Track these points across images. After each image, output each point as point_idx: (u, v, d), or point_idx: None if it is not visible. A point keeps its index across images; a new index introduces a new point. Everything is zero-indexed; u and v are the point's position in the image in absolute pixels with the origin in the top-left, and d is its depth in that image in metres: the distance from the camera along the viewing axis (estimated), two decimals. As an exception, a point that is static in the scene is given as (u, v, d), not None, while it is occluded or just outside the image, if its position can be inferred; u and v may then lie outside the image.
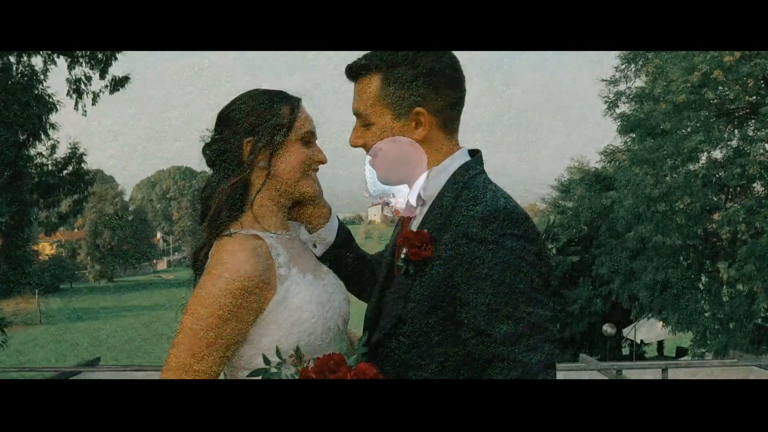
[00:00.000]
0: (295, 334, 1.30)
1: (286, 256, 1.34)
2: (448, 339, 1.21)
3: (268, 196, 1.37)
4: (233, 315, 1.25)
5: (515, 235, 1.17)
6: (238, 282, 1.24)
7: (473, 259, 1.17)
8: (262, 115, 1.36)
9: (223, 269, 1.26)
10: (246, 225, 1.35)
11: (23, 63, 7.59)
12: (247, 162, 1.35)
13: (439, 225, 1.26)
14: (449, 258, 1.21)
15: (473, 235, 1.18)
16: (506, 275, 1.14)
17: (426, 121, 1.30)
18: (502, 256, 1.15)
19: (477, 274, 1.16)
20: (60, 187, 9.96)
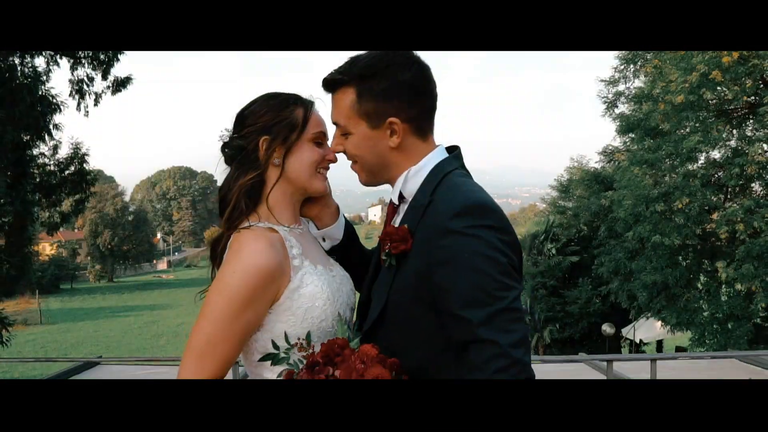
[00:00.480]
0: (308, 321, 1.39)
1: (299, 248, 1.43)
2: (430, 325, 1.30)
3: (282, 191, 1.46)
4: (251, 302, 1.33)
5: (486, 226, 1.25)
6: (255, 271, 1.33)
7: (448, 250, 1.25)
8: (278, 115, 1.44)
9: (242, 259, 1.34)
10: (262, 218, 1.44)
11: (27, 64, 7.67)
12: (263, 159, 1.43)
13: (418, 220, 1.35)
14: (427, 250, 1.30)
15: (447, 228, 1.27)
16: (478, 263, 1.22)
17: (399, 129, 1.39)
18: (474, 246, 1.23)
19: (452, 263, 1.24)
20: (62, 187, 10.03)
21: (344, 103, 1.41)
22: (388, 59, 1.40)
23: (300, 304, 1.38)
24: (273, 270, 1.35)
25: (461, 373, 1.24)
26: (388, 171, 1.44)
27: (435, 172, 1.40)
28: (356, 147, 1.42)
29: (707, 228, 13.20)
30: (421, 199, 1.38)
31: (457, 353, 1.25)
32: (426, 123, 1.44)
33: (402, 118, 1.39)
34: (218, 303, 1.33)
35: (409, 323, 1.33)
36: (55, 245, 59.87)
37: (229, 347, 1.33)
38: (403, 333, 1.34)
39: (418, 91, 1.41)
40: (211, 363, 1.32)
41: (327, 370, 1.24)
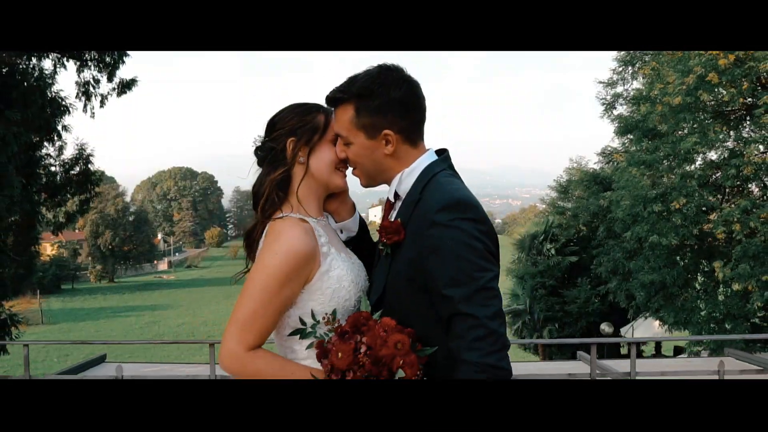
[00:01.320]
0: (334, 300, 1.59)
1: (326, 237, 1.63)
2: (422, 304, 1.52)
3: (308, 187, 1.66)
4: (288, 281, 1.54)
5: (465, 218, 1.48)
6: (292, 255, 1.54)
7: (435, 240, 1.48)
8: (302, 120, 1.65)
9: (280, 245, 1.54)
10: (293, 210, 1.63)
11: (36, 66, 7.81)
12: (290, 158, 1.64)
13: (409, 214, 1.58)
14: (417, 240, 1.52)
15: (433, 221, 1.49)
16: (460, 250, 1.45)
17: (393, 139, 1.61)
18: (456, 236, 1.46)
19: (438, 250, 1.47)
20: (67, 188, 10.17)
21: (345, 118, 1.62)
22: (381, 79, 1.60)
23: (329, 285, 1.59)
24: (307, 254, 1.56)
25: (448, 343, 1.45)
26: (384, 174, 1.67)
27: (425, 173, 1.62)
28: (356, 155, 1.64)
29: (705, 228, 13.29)
30: (413, 196, 1.59)
31: (444, 327, 1.46)
32: (416, 133, 1.65)
33: (395, 130, 1.60)
34: (260, 281, 1.54)
35: (405, 303, 1.55)
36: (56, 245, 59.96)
37: (268, 321, 1.55)
38: (400, 312, 1.54)
39: (408, 107, 1.61)
40: (252, 335, 1.53)
41: (355, 337, 1.44)
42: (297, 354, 1.62)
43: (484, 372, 1.39)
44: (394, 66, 1.63)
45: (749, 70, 11.86)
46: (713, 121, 13.29)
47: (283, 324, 1.62)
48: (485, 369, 1.40)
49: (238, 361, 1.54)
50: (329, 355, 1.45)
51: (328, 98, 1.65)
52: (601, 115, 16.61)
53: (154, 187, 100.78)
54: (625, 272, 16.50)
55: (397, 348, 1.42)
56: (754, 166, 12.10)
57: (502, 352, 1.42)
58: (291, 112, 1.68)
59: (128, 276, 70.57)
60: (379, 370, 1.41)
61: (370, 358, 1.41)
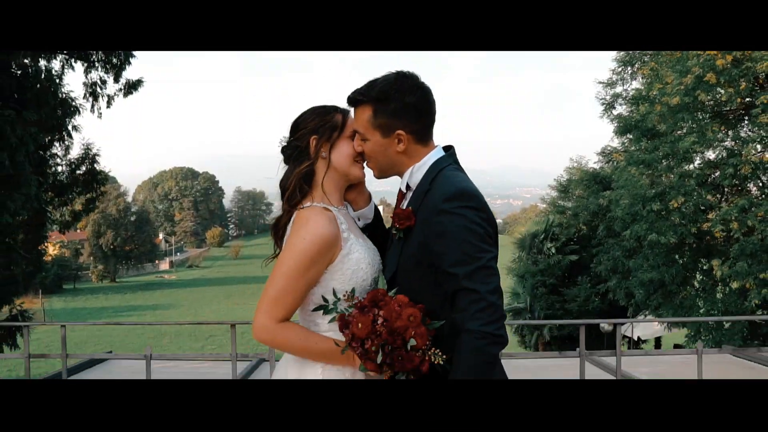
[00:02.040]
0: (353, 280, 1.79)
1: (346, 224, 1.82)
2: (430, 282, 1.73)
3: (331, 180, 1.85)
4: (314, 263, 1.75)
5: (469, 207, 1.69)
6: (318, 240, 1.75)
7: (442, 225, 1.69)
8: (323, 119, 1.85)
9: (308, 230, 1.74)
10: (316, 200, 1.82)
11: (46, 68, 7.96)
12: (313, 153, 1.83)
13: (419, 203, 1.79)
14: (426, 225, 1.73)
15: (440, 209, 1.70)
16: (463, 234, 1.66)
17: (404, 139, 1.82)
18: (460, 222, 1.67)
19: (445, 234, 1.68)
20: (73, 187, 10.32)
21: (363, 117, 1.83)
22: (398, 85, 1.80)
23: (349, 266, 1.79)
24: (331, 238, 1.76)
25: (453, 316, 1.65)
26: (395, 168, 1.88)
27: (433, 167, 1.82)
28: (371, 150, 1.85)
29: (703, 227, 13.41)
30: (423, 187, 1.80)
31: (450, 302, 1.67)
32: (426, 133, 1.86)
33: (407, 131, 1.81)
34: (290, 262, 1.74)
35: (414, 281, 1.76)
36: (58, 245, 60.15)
37: (296, 297, 1.76)
38: (410, 289, 1.74)
39: (420, 111, 1.83)
40: (281, 309, 1.74)
41: (373, 310, 1.64)
42: (320, 327, 1.81)
43: (484, 338, 1.59)
44: (410, 73, 1.83)
45: (747, 70, 11.98)
46: (711, 120, 13.41)
47: (308, 301, 1.81)
48: (485, 336, 1.59)
49: (268, 332, 1.75)
50: (350, 326, 1.64)
51: (349, 99, 1.85)
52: (601, 115, 16.76)
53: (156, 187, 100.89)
54: (624, 270, 16.62)
55: (409, 320, 1.61)
56: (752, 165, 12.21)
57: (499, 322, 1.62)
58: (312, 114, 1.88)
59: (130, 276, 70.75)
60: (393, 339, 1.60)
61: (386, 329, 1.60)
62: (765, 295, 12.18)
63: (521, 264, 23.29)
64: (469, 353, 1.59)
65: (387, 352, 1.61)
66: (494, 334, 1.60)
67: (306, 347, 1.76)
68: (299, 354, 1.79)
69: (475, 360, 1.60)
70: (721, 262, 12.99)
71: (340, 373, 1.79)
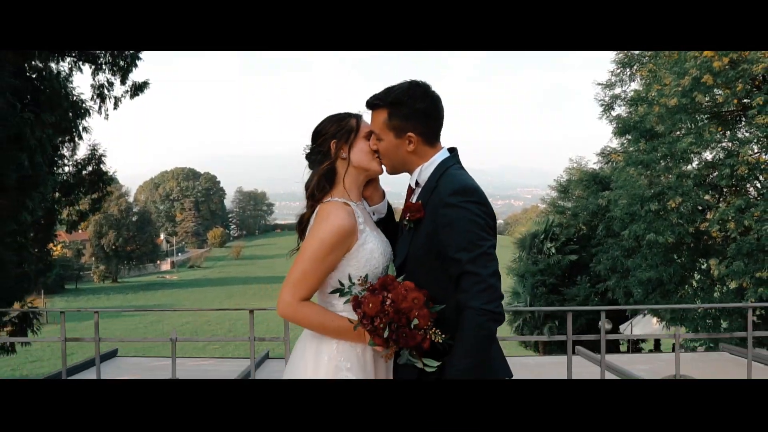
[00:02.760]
0: (367, 267, 2.02)
1: (362, 217, 2.05)
2: (436, 268, 1.96)
3: (351, 178, 2.08)
4: (333, 250, 1.98)
5: (472, 201, 1.93)
6: (337, 230, 1.98)
7: (448, 217, 1.92)
8: (340, 125, 2.08)
9: (329, 222, 1.96)
10: (335, 196, 2.04)
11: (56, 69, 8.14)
12: (333, 155, 2.06)
13: (428, 197, 2.01)
14: (433, 217, 1.96)
15: (447, 202, 1.93)
16: (467, 225, 1.89)
17: (414, 140, 2.05)
18: (464, 214, 1.90)
19: (450, 225, 1.91)
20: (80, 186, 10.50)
21: (379, 119, 2.07)
22: (410, 93, 2.04)
23: (363, 255, 2.02)
24: (349, 229, 2.00)
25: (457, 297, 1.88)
26: (405, 166, 2.11)
27: (440, 166, 2.05)
28: (385, 149, 2.09)
29: (701, 227, 13.54)
30: (431, 183, 2.03)
31: (454, 284, 1.90)
32: (433, 136, 2.09)
33: (417, 133, 2.04)
34: (312, 249, 1.98)
35: (423, 266, 1.99)
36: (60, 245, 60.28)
37: (316, 280, 2.00)
38: (419, 274, 1.97)
39: (429, 117, 2.06)
40: (302, 290, 1.98)
41: (383, 293, 1.86)
42: (335, 308, 2.05)
43: (485, 315, 1.82)
44: (422, 83, 2.07)
45: (743, 72, 12.12)
46: (709, 121, 13.56)
47: (326, 284, 2.04)
48: (485, 313, 1.82)
49: (290, 309, 1.99)
50: (362, 305, 1.88)
51: (367, 103, 2.08)
52: (600, 116, 16.92)
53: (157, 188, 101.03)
54: (623, 270, 16.78)
55: (414, 302, 1.84)
56: (749, 166, 12.35)
57: (498, 301, 1.86)
58: (329, 121, 2.13)
59: (131, 276, 70.81)
60: (399, 318, 1.83)
61: (393, 309, 1.83)
62: (761, 294, 12.32)
63: (521, 264, 23.44)
64: (471, 328, 1.82)
65: (393, 329, 1.83)
66: (494, 311, 1.83)
67: (323, 323, 1.99)
68: (316, 329, 2.01)
69: (476, 334, 1.82)
70: (719, 262, 13.13)
71: (352, 348, 2.00)
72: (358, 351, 2.00)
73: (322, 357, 2.00)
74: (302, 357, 2.05)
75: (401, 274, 2.03)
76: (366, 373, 2.00)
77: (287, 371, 2.11)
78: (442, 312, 1.91)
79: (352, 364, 1.99)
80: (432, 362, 1.90)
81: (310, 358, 2.02)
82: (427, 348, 1.87)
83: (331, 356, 1.99)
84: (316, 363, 2.01)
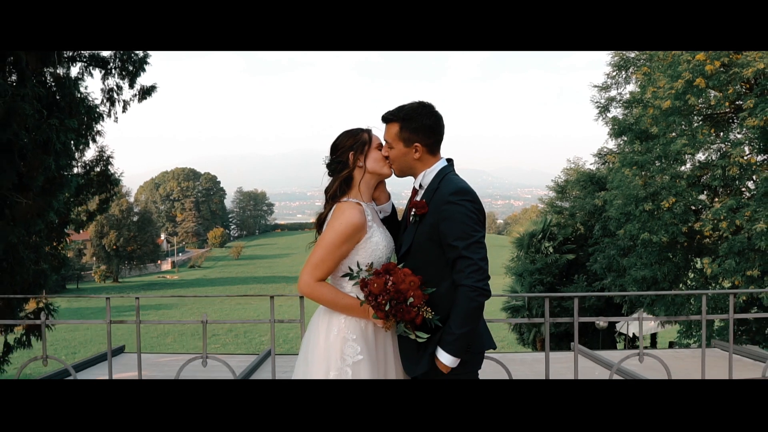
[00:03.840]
0: (373, 256, 2.45)
1: (371, 215, 2.46)
2: (436, 254, 2.41)
3: (366, 182, 2.48)
4: (345, 241, 2.40)
5: (467, 200, 2.38)
6: (350, 224, 2.40)
7: (447, 212, 2.37)
8: (355, 138, 2.50)
9: (344, 217, 2.37)
10: (351, 197, 2.44)
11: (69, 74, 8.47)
12: (351, 164, 2.46)
13: (431, 197, 2.46)
14: (436, 212, 2.40)
15: (447, 200, 2.38)
16: (463, 219, 2.35)
17: (420, 149, 2.50)
18: (461, 210, 2.36)
19: (449, 218, 2.36)
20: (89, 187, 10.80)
21: (392, 131, 2.52)
22: (419, 110, 2.49)
23: (370, 246, 2.45)
24: (360, 224, 2.42)
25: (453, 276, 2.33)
26: (411, 171, 2.56)
27: (440, 172, 2.51)
28: (395, 156, 2.53)
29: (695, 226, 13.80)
30: (433, 186, 2.49)
31: (450, 266, 2.36)
32: (435, 147, 2.54)
33: (422, 144, 2.49)
34: (329, 239, 2.40)
35: (426, 252, 2.43)
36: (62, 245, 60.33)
37: (332, 264, 2.42)
38: (421, 259, 2.43)
39: (433, 131, 2.51)
40: (319, 272, 2.40)
41: (386, 276, 2.28)
42: (345, 289, 2.47)
43: (475, 291, 2.27)
44: (428, 103, 2.52)
45: (734, 75, 12.39)
46: (702, 123, 13.83)
47: (338, 269, 2.47)
48: (476, 289, 2.28)
49: (309, 287, 2.39)
50: (368, 285, 2.30)
51: (383, 117, 2.53)
52: (596, 118, 17.24)
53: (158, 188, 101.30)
54: (619, 269, 17.06)
55: (410, 285, 2.27)
56: (739, 167, 12.62)
57: (485, 281, 2.31)
58: (345, 136, 2.56)
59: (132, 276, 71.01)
60: (398, 296, 2.25)
61: (393, 288, 2.25)
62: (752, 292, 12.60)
63: (519, 263, 23.73)
64: (465, 301, 2.28)
65: (393, 305, 2.25)
66: (483, 288, 2.29)
67: (334, 300, 2.40)
68: (329, 305, 2.41)
69: (468, 305, 2.28)
70: (711, 260, 13.39)
71: (357, 323, 2.41)
72: (362, 325, 2.41)
73: (332, 329, 2.39)
74: (316, 330, 2.45)
75: (404, 260, 2.46)
76: (368, 343, 2.40)
77: (304, 342, 2.52)
78: (439, 288, 2.35)
79: (357, 336, 2.38)
80: (423, 334, 2.31)
81: (322, 330, 2.41)
82: (419, 323, 2.29)
83: (340, 329, 2.39)
84: (327, 334, 2.40)
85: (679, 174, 13.90)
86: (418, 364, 2.38)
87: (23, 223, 6.80)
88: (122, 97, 9.68)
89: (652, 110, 13.75)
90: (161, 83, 10.16)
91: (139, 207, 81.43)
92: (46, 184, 7.00)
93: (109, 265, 67.89)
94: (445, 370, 2.34)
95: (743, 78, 12.41)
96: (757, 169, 12.83)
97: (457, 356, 2.32)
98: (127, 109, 9.75)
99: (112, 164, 11.01)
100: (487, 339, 2.50)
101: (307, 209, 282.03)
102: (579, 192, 21.64)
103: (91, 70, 9.14)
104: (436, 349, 2.34)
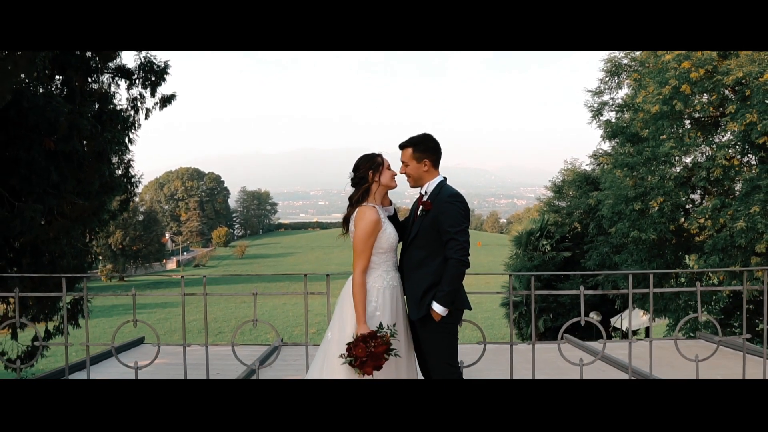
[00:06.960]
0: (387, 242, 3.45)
1: (384, 215, 3.34)
2: (435, 237, 3.48)
3: (379, 192, 3.37)
4: (372, 234, 3.35)
5: (458, 201, 3.49)
6: (372, 221, 3.31)
7: (444, 209, 3.45)
8: (374, 161, 3.42)
9: (369, 216, 3.28)
10: (368, 202, 3.32)
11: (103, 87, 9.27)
12: (370, 180, 3.34)
13: (434, 199, 3.53)
14: (437, 209, 3.48)
15: (445, 201, 3.47)
16: (454, 213, 3.44)
17: (427, 165, 3.60)
18: (454, 208, 3.46)
19: (446, 213, 3.44)
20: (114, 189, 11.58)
21: (407, 153, 3.59)
22: (425, 137, 3.58)
23: (385, 235, 3.47)
24: (378, 222, 3.45)
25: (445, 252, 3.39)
26: (421, 181, 3.60)
27: (440, 183, 3.57)
28: (411, 170, 3.60)
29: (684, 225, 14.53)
30: (435, 191, 3.54)
31: (444, 245, 3.41)
32: (437, 164, 3.61)
33: (430, 161, 3.58)
34: (362, 236, 3.41)
35: (428, 237, 3.48)
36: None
37: (369, 253, 3.44)
38: (424, 241, 3.48)
39: (436, 150, 3.61)
40: (363, 261, 3.40)
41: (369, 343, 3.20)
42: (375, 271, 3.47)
43: (459, 262, 3.32)
44: (429, 133, 3.62)
45: (717, 82, 13.12)
46: (691, 127, 14.56)
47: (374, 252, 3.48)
48: (460, 260, 3.33)
49: (359, 278, 3.35)
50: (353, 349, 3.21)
51: (400, 145, 3.60)
52: (589, 121, 17.99)
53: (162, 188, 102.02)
54: (611, 265, 17.81)
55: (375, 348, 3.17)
56: (722, 169, 13.35)
57: (467, 256, 3.37)
58: (365, 159, 3.58)
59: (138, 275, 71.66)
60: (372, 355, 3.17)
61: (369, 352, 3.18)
62: (735, 287, 13.32)
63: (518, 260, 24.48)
64: (452, 269, 3.33)
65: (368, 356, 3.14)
66: (465, 261, 3.36)
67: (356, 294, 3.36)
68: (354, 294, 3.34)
69: (455, 271, 3.32)
70: (698, 257, 14.13)
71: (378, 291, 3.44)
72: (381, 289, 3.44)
73: None
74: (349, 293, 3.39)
75: (413, 242, 3.50)
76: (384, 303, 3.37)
77: (339, 302, 3.45)
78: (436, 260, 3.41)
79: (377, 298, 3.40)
80: None
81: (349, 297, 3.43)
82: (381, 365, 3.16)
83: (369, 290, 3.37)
84: None
85: (668, 175, 14.61)
86: (420, 310, 3.36)
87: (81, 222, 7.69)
88: (145, 105, 10.46)
89: (642, 114, 14.47)
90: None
91: (144, 206, 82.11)
92: (100, 188, 7.92)
93: (115, 264, 68.55)
94: (436, 318, 3.34)
95: (725, 85, 13.12)
96: (740, 170, 13.56)
97: (446, 307, 3.33)
98: (149, 116, 10.52)
99: (132, 167, 11.79)
100: (466, 300, 3.49)
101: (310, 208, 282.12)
102: (575, 192, 22.42)
103: (118, 81, 9.94)
104: (432, 302, 3.33)
